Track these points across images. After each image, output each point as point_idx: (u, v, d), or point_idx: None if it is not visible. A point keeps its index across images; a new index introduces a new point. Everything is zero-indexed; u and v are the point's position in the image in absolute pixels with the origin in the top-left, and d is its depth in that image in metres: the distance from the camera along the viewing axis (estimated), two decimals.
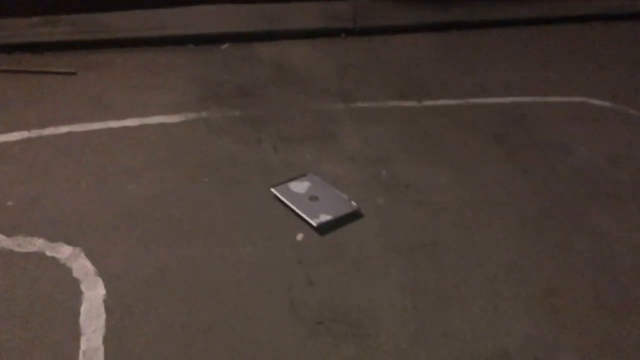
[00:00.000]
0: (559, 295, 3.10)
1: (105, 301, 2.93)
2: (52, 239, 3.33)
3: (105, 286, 3.02)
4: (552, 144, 4.57)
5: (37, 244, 3.28)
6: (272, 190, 3.78)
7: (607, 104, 5.27)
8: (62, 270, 3.10)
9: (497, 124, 4.85)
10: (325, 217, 3.53)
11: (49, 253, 3.22)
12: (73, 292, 2.97)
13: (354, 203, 3.69)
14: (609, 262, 3.36)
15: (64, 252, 3.23)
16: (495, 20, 7.30)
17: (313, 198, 3.71)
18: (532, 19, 7.44)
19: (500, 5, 7.76)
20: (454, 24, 7.14)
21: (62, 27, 6.41)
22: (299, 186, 3.84)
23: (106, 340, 2.71)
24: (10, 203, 3.61)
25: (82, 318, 2.82)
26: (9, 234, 3.35)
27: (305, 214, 3.55)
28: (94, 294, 2.96)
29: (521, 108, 5.13)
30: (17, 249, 3.24)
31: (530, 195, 3.94)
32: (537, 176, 4.14)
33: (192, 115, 4.76)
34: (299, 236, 3.45)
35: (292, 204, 3.65)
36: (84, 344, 2.68)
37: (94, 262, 3.17)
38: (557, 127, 4.84)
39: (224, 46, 6.33)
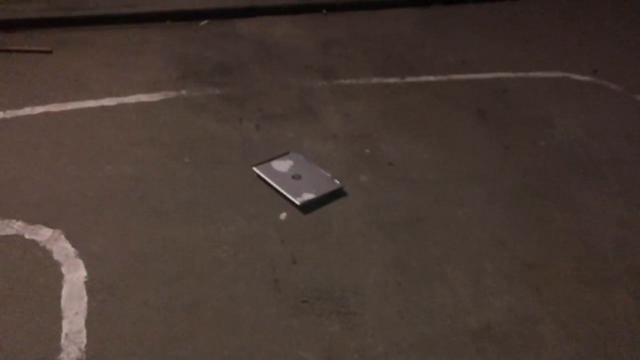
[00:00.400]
0: (541, 270, 3.14)
1: (86, 283, 2.90)
2: (31, 221, 3.27)
3: (86, 268, 2.98)
4: (533, 119, 4.58)
5: (15, 227, 3.22)
6: (254, 169, 3.75)
7: (587, 78, 5.29)
8: (42, 253, 3.06)
9: (479, 99, 4.85)
10: (308, 196, 3.51)
11: (28, 236, 3.17)
12: (54, 274, 2.93)
13: (337, 181, 3.68)
14: (590, 236, 3.40)
15: (43, 234, 3.18)
16: None
17: (296, 176, 3.69)
18: None
19: None
20: None
21: (36, 4, 6.23)
22: (282, 165, 3.81)
23: (88, 323, 2.68)
24: None
25: (64, 301, 2.79)
26: None
27: (288, 192, 3.53)
28: (75, 276, 2.93)
29: (503, 83, 5.13)
30: None
31: (512, 170, 3.95)
32: (518, 151, 4.16)
33: (171, 94, 4.69)
34: (282, 215, 3.44)
35: (275, 182, 3.62)
36: (66, 326, 2.66)
37: (74, 244, 3.13)
38: (539, 102, 4.85)
39: (203, 23, 6.22)
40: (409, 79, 5.15)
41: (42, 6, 6.19)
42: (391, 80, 5.13)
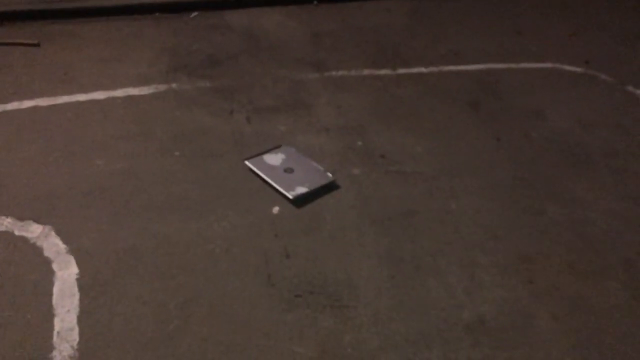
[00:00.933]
0: (534, 262, 3.14)
1: (78, 280, 2.87)
2: (20, 217, 3.24)
3: (78, 265, 2.96)
4: (525, 111, 4.58)
5: (5, 224, 3.19)
6: (246, 162, 3.73)
7: (579, 69, 5.29)
8: (33, 250, 3.03)
9: (470, 91, 4.83)
10: (301, 189, 3.50)
11: (17, 232, 3.14)
12: (44, 272, 2.90)
13: (329, 174, 3.66)
14: (582, 228, 3.40)
15: (33, 231, 3.15)
16: None
17: (288, 170, 3.67)
18: None
19: None
20: None
21: None
22: (274, 158, 3.79)
23: (80, 320, 2.66)
24: None
25: (55, 298, 2.76)
26: None
27: (280, 186, 3.51)
28: (66, 273, 2.90)
29: (494, 75, 5.12)
30: None
31: (505, 162, 3.95)
32: (511, 143, 4.15)
33: (161, 87, 4.64)
34: (275, 209, 3.42)
35: (267, 176, 3.60)
36: (57, 324, 2.63)
37: (65, 241, 3.10)
38: (530, 93, 4.85)
39: (193, 14, 6.16)
40: (401, 71, 5.13)
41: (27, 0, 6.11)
42: (383, 72, 5.11)
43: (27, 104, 4.30)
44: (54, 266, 2.94)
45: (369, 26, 6.05)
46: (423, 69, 5.18)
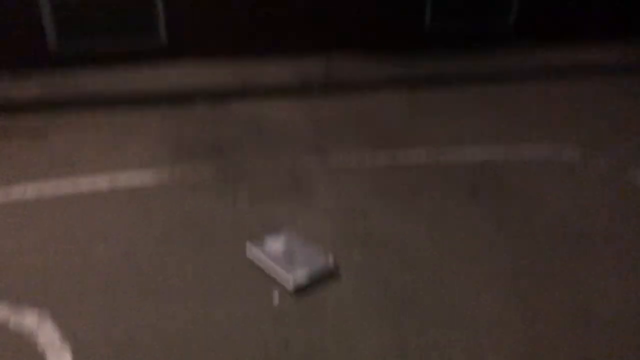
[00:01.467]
0: (542, 351, 3.05)
1: None
2: (15, 305, 3.19)
3: (73, 355, 2.87)
4: (524, 198, 4.60)
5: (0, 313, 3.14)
6: (247, 249, 3.71)
7: (577, 156, 5.37)
8: (27, 339, 2.96)
9: (470, 178, 4.89)
10: (301, 277, 3.45)
11: (13, 320, 3.08)
12: None
13: (331, 260, 3.63)
14: (588, 314, 3.33)
15: (29, 319, 3.09)
16: (465, 74, 7.48)
17: (289, 256, 3.64)
18: (505, 73, 7.62)
19: (469, 60, 7.98)
20: (425, 79, 7.29)
21: (31, 87, 6.36)
22: (274, 245, 3.77)
23: None
24: None
25: None
26: None
27: (281, 273, 3.47)
28: None
29: (493, 162, 5.19)
30: None
31: (507, 248, 3.92)
32: (511, 229, 4.15)
33: (165, 175, 4.71)
34: (275, 297, 3.37)
35: (267, 263, 3.57)
36: None
37: (60, 331, 3.03)
38: (529, 180, 4.90)
39: (198, 104, 6.35)
40: (400, 158, 5.21)
41: (36, 89, 6.32)
42: (383, 158, 5.19)
43: (31, 192, 4.35)
44: (49, 357, 2.86)
45: (368, 114, 6.21)
46: (422, 157, 5.26)
